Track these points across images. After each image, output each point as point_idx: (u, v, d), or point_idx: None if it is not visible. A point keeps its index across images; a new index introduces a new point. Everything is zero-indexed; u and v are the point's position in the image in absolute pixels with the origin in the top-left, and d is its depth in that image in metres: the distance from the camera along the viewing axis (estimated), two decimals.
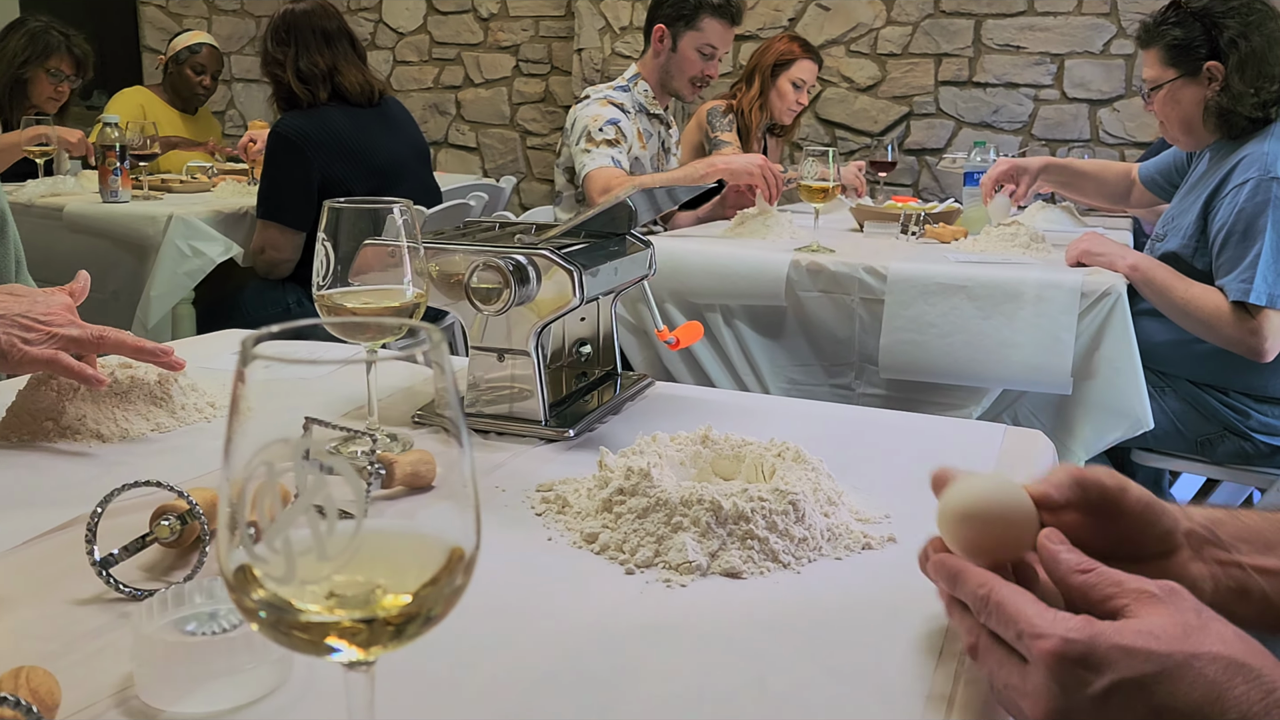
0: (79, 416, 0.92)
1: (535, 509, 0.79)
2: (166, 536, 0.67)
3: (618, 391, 1.09)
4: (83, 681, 0.55)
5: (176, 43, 3.93)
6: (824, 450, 0.83)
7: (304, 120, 2.55)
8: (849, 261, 2.08)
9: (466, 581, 0.41)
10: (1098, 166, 2.71)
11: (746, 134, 3.38)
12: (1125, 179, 2.64)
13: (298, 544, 0.36)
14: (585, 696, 0.55)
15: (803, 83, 3.38)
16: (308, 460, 0.37)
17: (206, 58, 3.92)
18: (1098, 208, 3.03)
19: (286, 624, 0.37)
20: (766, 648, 0.61)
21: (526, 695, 0.55)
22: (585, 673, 0.58)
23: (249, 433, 0.38)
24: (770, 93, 3.37)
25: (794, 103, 3.40)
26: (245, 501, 0.37)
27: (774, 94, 3.38)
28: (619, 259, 1.02)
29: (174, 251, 2.58)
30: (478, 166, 5.16)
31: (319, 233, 0.85)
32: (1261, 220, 1.90)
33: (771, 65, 3.35)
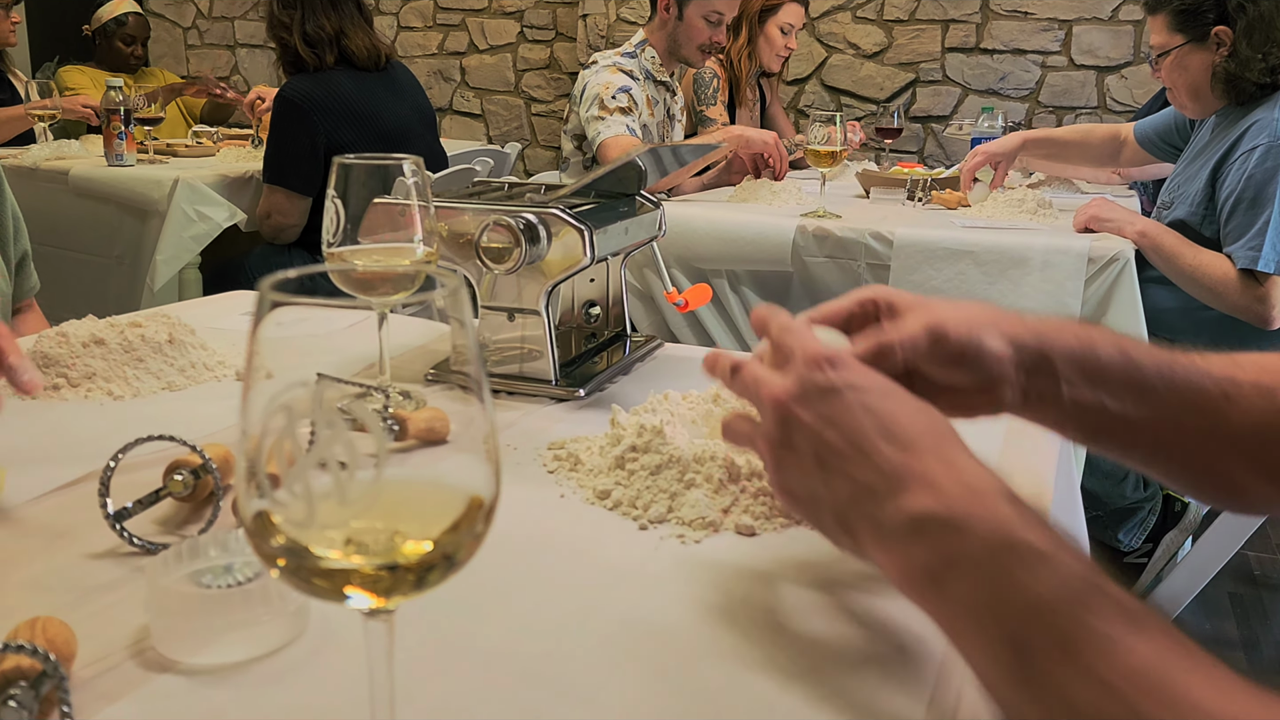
0: (89, 374, 0.92)
1: (547, 466, 0.79)
2: (180, 491, 0.68)
3: (627, 352, 1.08)
4: (99, 633, 0.55)
5: (101, 14, 3.80)
6: None
7: (310, 84, 2.53)
8: (855, 227, 2.07)
9: (486, 530, 0.41)
10: (1080, 133, 2.66)
11: (737, 84, 3.35)
12: (1112, 140, 2.60)
13: (317, 489, 0.36)
14: (599, 651, 0.55)
15: (790, 27, 3.35)
16: (327, 407, 0.37)
17: (135, 27, 3.82)
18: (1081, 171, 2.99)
19: (306, 570, 0.37)
20: (780, 603, 0.61)
21: (540, 650, 0.56)
22: (600, 628, 0.58)
23: (266, 383, 0.38)
24: (759, 39, 3.34)
25: (782, 48, 3.37)
26: (264, 447, 0.37)
27: (762, 40, 3.35)
28: (629, 219, 1.02)
29: (180, 216, 2.58)
30: (482, 133, 5.14)
31: (329, 189, 0.85)
32: (1270, 187, 1.89)
33: (759, 11, 3.31)
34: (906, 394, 0.56)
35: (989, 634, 0.44)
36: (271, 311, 0.38)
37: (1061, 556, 0.44)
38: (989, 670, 0.45)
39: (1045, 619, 0.43)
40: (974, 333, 0.62)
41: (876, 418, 0.54)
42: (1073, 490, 1.00)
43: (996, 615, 0.44)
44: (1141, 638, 0.41)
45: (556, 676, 0.53)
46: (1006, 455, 0.86)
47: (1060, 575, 0.44)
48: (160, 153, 2.99)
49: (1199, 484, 0.67)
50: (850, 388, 0.55)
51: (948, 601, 0.47)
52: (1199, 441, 0.64)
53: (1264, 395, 0.64)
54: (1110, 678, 0.40)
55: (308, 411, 0.37)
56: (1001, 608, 0.44)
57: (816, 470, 0.55)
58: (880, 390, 0.56)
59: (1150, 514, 2.18)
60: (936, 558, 0.48)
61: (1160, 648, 0.41)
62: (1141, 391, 0.63)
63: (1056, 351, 0.63)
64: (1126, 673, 0.40)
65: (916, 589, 0.49)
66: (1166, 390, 0.63)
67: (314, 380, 0.53)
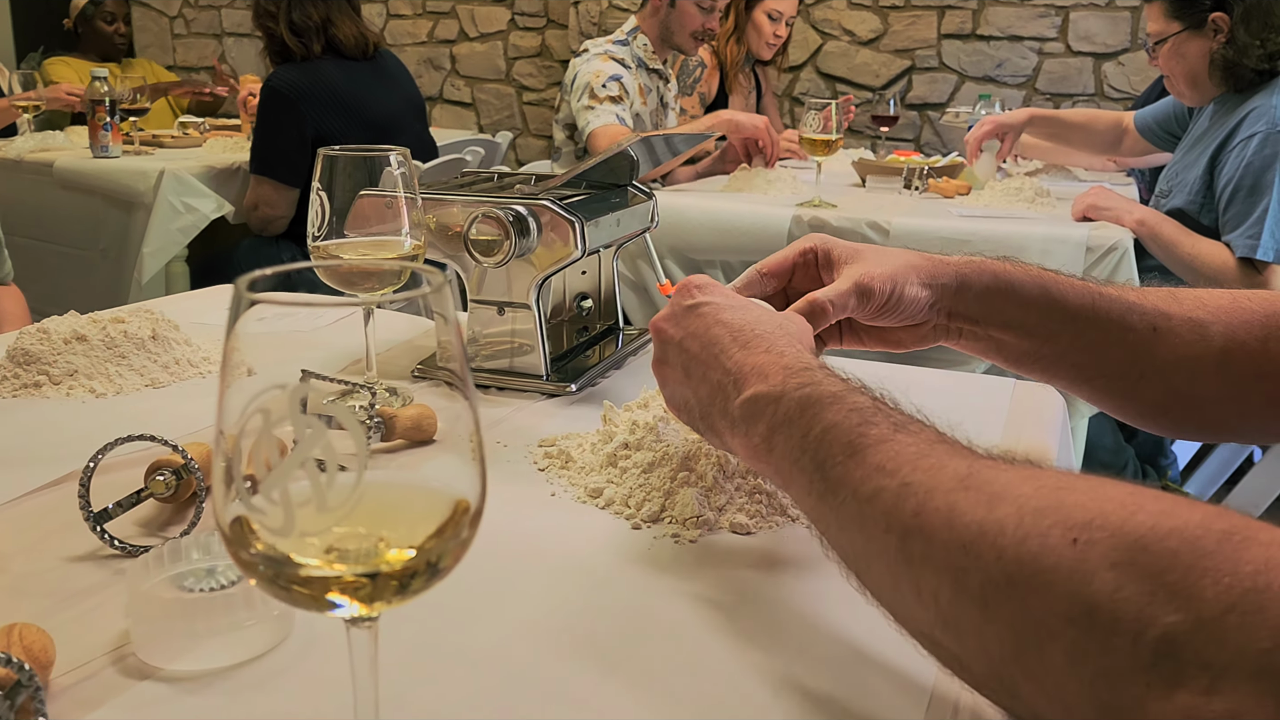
0: (71, 371, 0.90)
1: (538, 464, 0.78)
2: (162, 492, 0.66)
3: (619, 346, 1.07)
4: (78, 639, 0.54)
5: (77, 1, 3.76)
6: None
7: (297, 74, 2.50)
8: (851, 216, 2.05)
9: (473, 535, 0.39)
10: (1085, 117, 2.66)
11: (727, 71, 3.33)
12: (1115, 128, 2.60)
13: (296, 495, 0.35)
14: (592, 653, 0.54)
15: (779, 14, 3.31)
16: (306, 409, 0.35)
17: (113, 4, 3.77)
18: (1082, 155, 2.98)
19: (286, 578, 0.36)
20: (777, 604, 0.59)
21: (532, 652, 0.54)
22: (593, 629, 0.56)
23: (243, 382, 0.36)
24: (747, 27, 3.31)
25: (771, 35, 3.33)
26: (241, 452, 0.36)
27: (751, 28, 3.31)
28: (620, 210, 1.00)
29: (166, 208, 2.55)
30: (473, 122, 5.10)
31: (314, 181, 0.83)
32: (1269, 175, 1.87)
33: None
34: (758, 307, 0.65)
35: (804, 467, 0.53)
36: (249, 309, 0.37)
37: (850, 395, 0.54)
38: (807, 497, 0.53)
39: (834, 435, 0.51)
40: (896, 283, 0.70)
41: (727, 327, 0.62)
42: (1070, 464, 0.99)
43: (806, 449, 0.53)
44: (907, 434, 0.50)
45: (547, 680, 0.52)
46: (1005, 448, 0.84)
47: (847, 405, 0.53)
48: (146, 144, 2.96)
49: (1123, 409, 0.74)
50: (708, 304, 0.64)
51: (777, 456, 0.55)
52: (1122, 370, 0.71)
53: (1196, 329, 0.70)
54: (881, 461, 0.48)
55: (286, 413, 0.35)
56: (808, 442, 0.53)
57: (685, 379, 0.64)
58: (734, 305, 0.64)
59: None
60: (766, 426, 0.56)
61: (922, 439, 0.49)
62: (1062, 324, 0.70)
63: (974, 290, 0.71)
64: (892, 455, 0.48)
65: (759, 458, 0.57)
66: (1089, 324, 0.70)
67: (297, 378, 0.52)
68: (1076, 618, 0.38)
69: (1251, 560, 0.35)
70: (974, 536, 0.42)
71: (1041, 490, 0.42)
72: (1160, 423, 0.74)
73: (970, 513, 0.43)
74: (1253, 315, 0.68)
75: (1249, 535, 0.36)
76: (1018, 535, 0.41)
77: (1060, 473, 0.44)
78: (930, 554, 0.44)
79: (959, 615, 0.43)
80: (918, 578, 0.45)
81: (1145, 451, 2.32)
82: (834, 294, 0.70)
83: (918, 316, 0.72)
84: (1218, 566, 0.35)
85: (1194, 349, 0.69)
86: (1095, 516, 0.39)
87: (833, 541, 0.52)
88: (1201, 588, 0.35)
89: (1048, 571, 0.39)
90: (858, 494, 0.49)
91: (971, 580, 0.42)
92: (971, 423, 0.89)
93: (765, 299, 0.75)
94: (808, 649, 0.55)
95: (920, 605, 0.45)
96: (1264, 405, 0.68)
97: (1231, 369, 0.68)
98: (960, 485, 0.45)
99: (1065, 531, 0.39)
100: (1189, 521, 0.37)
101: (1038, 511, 0.41)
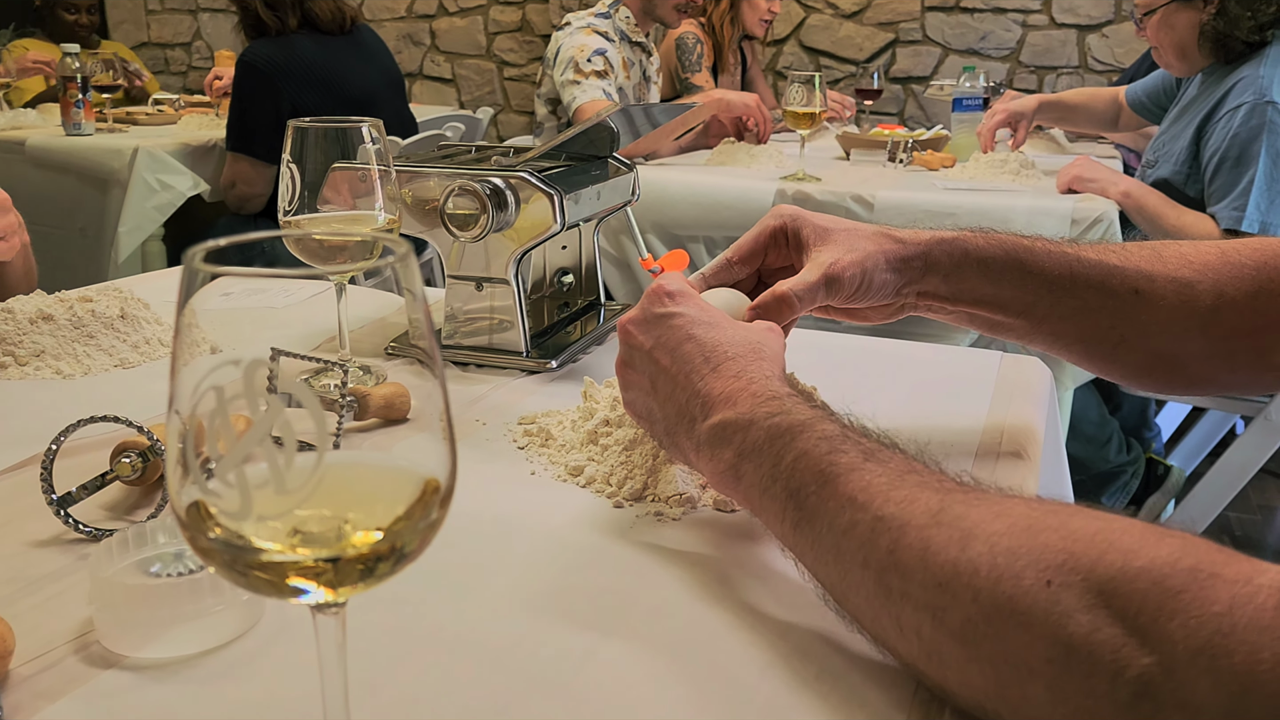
0: (38, 351, 0.88)
1: (517, 442, 0.76)
2: (128, 474, 0.64)
3: (601, 321, 1.05)
4: (40, 627, 0.52)
5: None
6: (815, 380, 0.80)
7: (273, 48, 2.46)
8: (836, 190, 2.04)
9: (443, 516, 0.37)
10: (1086, 96, 2.66)
11: (720, 50, 3.30)
12: (1113, 105, 2.59)
13: (254, 477, 0.33)
14: (573, 635, 0.52)
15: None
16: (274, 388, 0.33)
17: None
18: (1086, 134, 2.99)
19: (245, 564, 0.34)
20: (763, 583, 0.58)
21: (510, 635, 0.53)
22: (574, 610, 0.55)
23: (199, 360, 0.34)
24: (741, 3, 3.29)
25: (765, 11, 3.32)
26: (195, 433, 0.34)
27: (745, 5, 3.29)
28: (601, 183, 0.98)
29: (142, 185, 2.52)
30: (454, 98, 5.05)
31: (284, 154, 0.81)
32: (1255, 146, 1.86)
33: None
34: (729, 322, 0.64)
35: (775, 496, 0.53)
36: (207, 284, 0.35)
37: (819, 424, 0.54)
38: (781, 525, 0.53)
39: (804, 465, 0.52)
40: (865, 270, 0.69)
41: (700, 345, 0.61)
42: (1059, 456, 0.98)
43: (777, 478, 0.53)
44: (876, 463, 0.50)
45: (527, 663, 0.50)
46: (991, 423, 0.84)
47: (816, 434, 0.53)
48: (120, 121, 2.91)
49: (1107, 371, 0.73)
50: (681, 316, 0.63)
51: (746, 484, 0.55)
52: (1102, 335, 0.70)
53: (1181, 289, 0.68)
54: (853, 492, 0.49)
55: (241, 391, 0.33)
56: (780, 471, 0.53)
57: (651, 391, 0.63)
58: (707, 320, 0.63)
59: (1133, 478, 2.18)
60: (734, 452, 0.56)
61: (891, 469, 0.49)
62: (1037, 295, 0.69)
63: (943, 270, 0.70)
64: (863, 486, 0.49)
65: (727, 483, 0.57)
66: (1066, 293, 0.69)
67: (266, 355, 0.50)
68: (1055, 658, 0.39)
69: (1218, 600, 0.36)
70: (949, 576, 0.43)
71: (1013, 529, 0.43)
72: (1145, 383, 0.73)
73: (944, 551, 0.44)
74: (1243, 269, 0.67)
75: (1215, 572, 0.37)
76: (991, 576, 0.41)
77: (1029, 506, 0.45)
78: (908, 591, 0.45)
79: (941, 650, 0.44)
80: (898, 613, 0.46)
81: (1130, 424, 2.32)
82: (801, 287, 0.69)
83: (887, 298, 0.72)
84: (1185, 608, 0.36)
85: (1179, 310, 0.67)
86: (1067, 558, 0.40)
87: (810, 568, 0.53)
88: (1170, 631, 0.36)
89: (1024, 613, 0.40)
90: (833, 526, 0.49)
91: (951, 618, 0.43)
92: (958, 397, 0.88)
93: (737, 284, 0.74)
94: (794, 629, 0.53)
95: (902, 639, 0.46)
96: (1253, 360, 0.67)
97: (1219, 326, 0.67)
98: (933, 521, 0.45)
99: (1039, 573, 0.40)
100: (1156, 560, 0.38)
101: (1010, 552, 0.42)
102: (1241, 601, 0.36)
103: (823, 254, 0.70)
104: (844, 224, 0.73)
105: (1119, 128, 2.61)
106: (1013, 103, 2.49)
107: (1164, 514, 2.20)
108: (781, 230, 0.74)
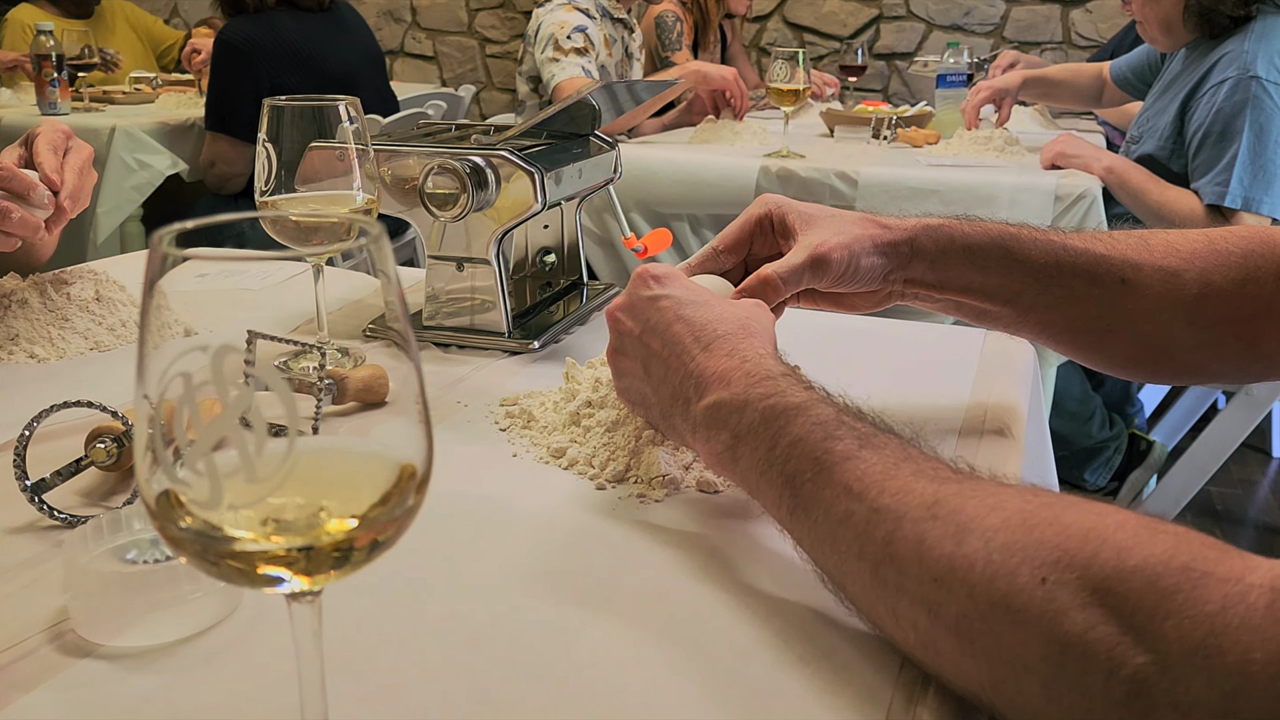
0: (12, 335, 0.87)
1: (499, 424, 0.75)
2: (103, 460, 0.63)
3: (584, 301, 1.04)
4: (13, 616, 0.51)
5: None
6: (799, 359, 0.79)
7: (251, 26, 2.42)
8: (820, 167, 2.03)
9: (419, 502, 0.37)
10: (1070, 72, 2.65)
11: (704, 26, 3.28)
12: (1097, 80, 2.59)
13: (224, 465, 0.32)
14: (557, 619, 0.52)
15: None
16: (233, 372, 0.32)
17: None
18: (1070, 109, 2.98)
19: (216, 553, 0.33)
20: (747, 565, 0.58)
21: (491, 619, 0.52)
22: (557, 594, 0.54)
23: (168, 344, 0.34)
24: None
25: None
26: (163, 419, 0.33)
27: None
28: (582, 161, 0.97)
29: (119, 165, 2.48)
30: (435, 76, 5.00)
31: (260, 134, 0.79)
32: (1239, 121, 1.86)
33: None
34: (718, 300, 0.63)
35: (772, 480, 0.53)
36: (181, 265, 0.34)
37: (814, 407, 0.53)
38: (778, 510, 0.53)
39: (800, 451, 0.52)
40: (853, 253, 0.69)
41: (689, 325, 0.61)
42: (1043, 433, 0.98)
43: (773, 462, 0.53)
44: (872, 450, 0.50)
45: (509, 648, 0.50)
46: (975, 400, 0.83)
47: (811, 419, 0.53)
48: (96, 100, 2.87)
49: (1093, 361, 0.73)
50: (668, 298, 0.63)
51: (743, 467, 0.55)
52: (1089, 325, 0.69)
53: (1168, 278, 0.68)
54: (848, 480, 0.49)
55: (209, 377, 0.32)
56: (775, 455, 0.53)
57: (644, 375, 0.63)
58: (694, 300, 0.62)
59: (1115, 453, 2.19)
60: (730, 434, 0.56)
61: (887, 456, 0.49)
62: (1024, 283, 0.69)
63: (929, 256, 0.69)
64: (859, 475, 0.49)
65: (724, 465, 0.57)
66: (1052, 282, 0.68)
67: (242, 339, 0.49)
68: (1050, 655, 0.39)
69: (1210, 600, 0.37)
70: (945, 571, 0.43)
71: (1008, 524, 0.43)
72: (1132, 372, 0.73)
73: (939, 546, 0.44)
74: (1229, 257, 0.66)
75: (1208, 570, 0.37)
76: (986, 573, 0.42)
77: (1024, 499, 0.44)
78: (904, 584, 0.45)
79: (936, 642, 0.44)
80: (894, 604, 0.46)
81: (1112, 400, 2.33)
82: (786, 270, 0.68)
83: (874, 284, 0.71)
84: (1179, 608, 0.37)
85: (1166, 299, 0.67)
86: (1061, 555, 0.40)
87: (808, 553, 0.53)
88: (1165, 631, 0.37)
89: (1019, 610, 0.40)
90: (829, 515, 0.49)
91: (947, 613, 0.43)
92: (942, 375, 0.88)
93: (724, 273, 0.74)
94: (779, 610, 0.53)
95: (899, 629, 0.47)
96: (1241, 349, 0.67)
97: (1206, 315, 0.66)
98: (928, 514, 0.45)
99: (1034, 570, 0.41)
100: (1150, 558, 0.39)
101: (1005, 548, 0.42)
102: (1234, 601, 0.36)
103: (809, 237, 0.70)
104: (829, 211, 0.72)
105: (1103, 103, 2.61)
106: (996, 79, 2.47)
107: (1146, 489, 2.21)
108: (767, 217, 0.73)
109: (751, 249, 0.74)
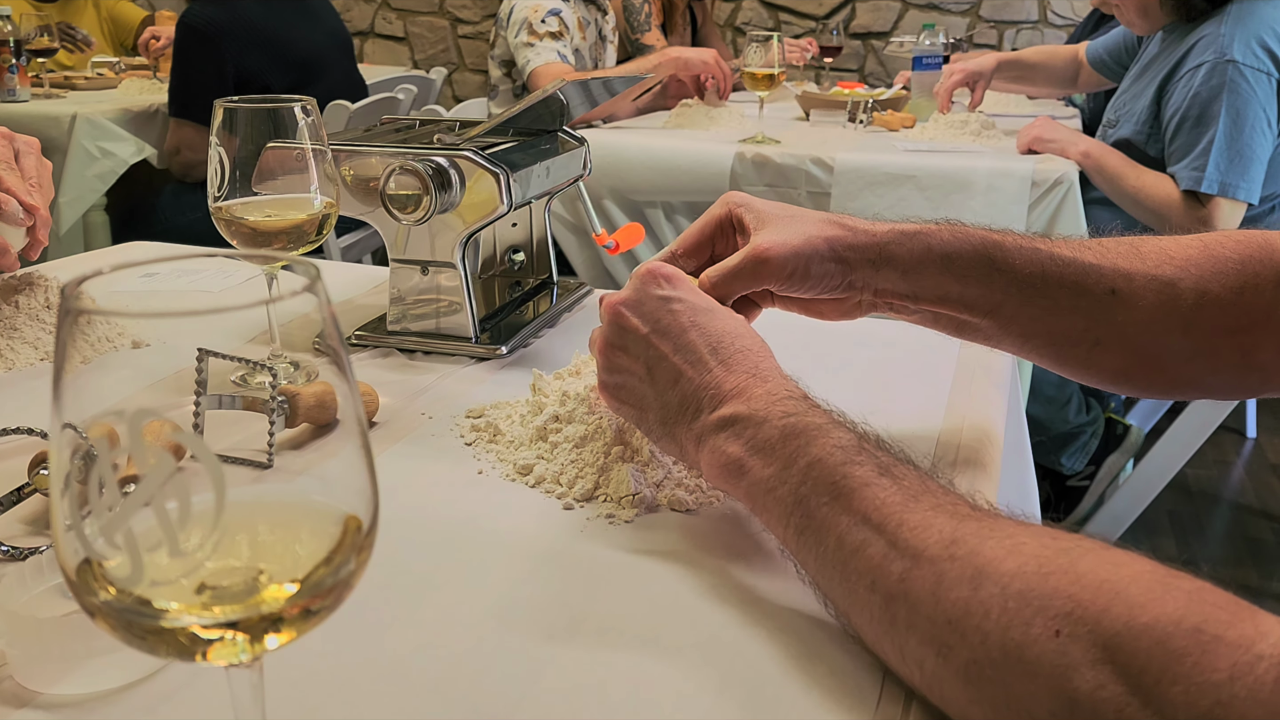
0: None
1: (464, 438, 0.73)
2: (47, 487, 0.60)
3: (554, 301, 1.02)
4: None
5: None
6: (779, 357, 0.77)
7: (214, 9, 2.37)
8: (795, 153, 2.00)
9: (367, 557, 0.34)
10: (1045, 55, 2.63)
11: (671, 8, 3.23)
12: (1073, 63, 2.57)
13: (145, 539, 0.30)
14: (523, 654, 0.50)
15: None
16: (152, 441, 0.30)
17: None
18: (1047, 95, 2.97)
19: (140, 629, 0.31)
20: (720, 583, 0.56)
21: (457, 645, 0.50)
22: (523, 619, 0.52)
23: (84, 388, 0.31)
24: None
25: None
26: (76, 481, 0.30)
27: None
28: (550, 159, 0.94)
29: (81, 154, 2.43)
30: (406, 58, 4.93)
31: (211, 137, 0.76)
32: (1216, 105, 1.85)
33: None
34: (729, 313, 0.62)
35: (781, 498, 0.52)
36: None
37: (835, 430, 0.53)
38: (784, 530, 0.53)
39: (818, 473, 0.51)
40: (800, 254, 0.65)
41: (705, 334, 0.60)
42: (1020, 423, 0.97)
43: (785, 480, 0.52)
44: (889, 481, 0.49)
45: (474, 684, 0.48)
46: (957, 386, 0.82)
47: (831, 441, 0.52)
48: (57, 86, 2.80)
49: (1081, 376, 0.70)
50: (681, 301, 0.61)
51: (750, 481, 0.54)
52: (1075, 338, 0.66)
53: (1162, 287, 0.65)
54: (866, 510, 0.48)
55: (127, 444, 0.30)
56: (789, 474, 0.52)
57: (648, 378, 0.61)
58: (708, 309, 0.61)
59: (1092, 438, 2.19)
60: (741, 446, 0.55)
61: (905, 488, 0.49)
62: (1006, 294, 0.65)
63: (901, 265, 0.66)
64: (877, 505, 0.48)
65: (727, 476, 0.56)
66: (1037, 293, 0.65)
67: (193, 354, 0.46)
68: (1058, 711, 0.39)
69: (1219, 668, 0.36)
70: (959, 615, 0.43)
71: (1024, 571, 0.42)
72: (1122, 386, 0.70)
73: (955, 589, 0.43)
74: (1226, 264, 0.63)
75: (1218, 634, 0.37)
76: (1001, 621, 0.41)
77: (1040, 543, 0.43)
78: (915, 623, 0.44)
79: (943, 684, 0.44)
80: (902, 641, 0.45)
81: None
82: (719, 273, 0.66)
83: (835, 290, 0.67)
84: (1187, 674, 0.36)
85: (1159, 309, 0.64)
86: (1074, 607, 0.40)
87: (811, 576, 0.52)
88: (1173, 695, 0.37)
89: (1031, 663, 0.40)
90: (843, 542, 0.49)
91: (957, 657, 0.43)
92: (919, 378, 0.86)
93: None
94: (756, 637, 0.51)
95: (904, 666, 0.46)
96: (1236, 360, 0.64)
97: (1201, 325, 0.64)
98: (946, 554, 0.44)
99: (1047, 623, 0.40)
100: (1161, 617, 0.38)
101: (1020, 596, 0.41)
102: (1242, 671, 0.36)
103: (757, 237, 0.66)
104: (791, 210, 0.69)
105: (1078, 87, 2.59)
106: (970, 62, 2.45)
107: (1123, 473, 2.22)
108: (728, 218, 0.70)
109: (715, 250, 0.71)
